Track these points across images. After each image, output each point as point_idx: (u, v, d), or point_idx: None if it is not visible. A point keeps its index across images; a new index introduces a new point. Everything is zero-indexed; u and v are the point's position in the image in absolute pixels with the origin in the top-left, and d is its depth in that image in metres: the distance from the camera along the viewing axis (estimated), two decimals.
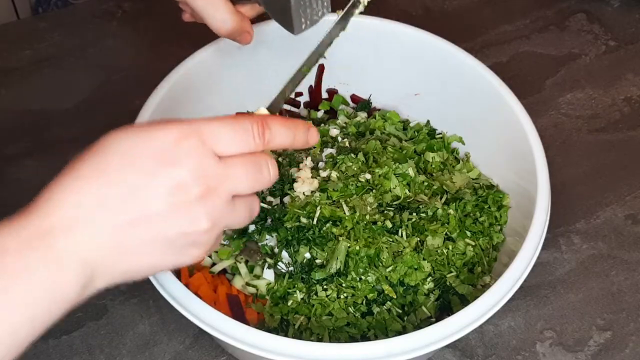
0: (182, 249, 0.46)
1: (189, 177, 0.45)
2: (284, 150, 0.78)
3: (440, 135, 0.82)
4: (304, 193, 0.74)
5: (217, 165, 0.46)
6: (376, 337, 0.68)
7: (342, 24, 0.69)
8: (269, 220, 0.73)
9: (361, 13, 0.71)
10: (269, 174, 0.49)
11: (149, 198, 0.44)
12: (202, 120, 0.47)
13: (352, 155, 0.76)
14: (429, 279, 0.70)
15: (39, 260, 0.42)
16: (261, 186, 0.49)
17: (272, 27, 0.80)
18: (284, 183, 0.75)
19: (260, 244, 0.72)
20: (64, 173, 0.45)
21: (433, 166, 0.78)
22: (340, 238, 0.69)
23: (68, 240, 0.43)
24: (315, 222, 0.70)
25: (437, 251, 0.71)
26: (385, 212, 0.72)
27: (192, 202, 0.45)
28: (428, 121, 0.84)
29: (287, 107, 0.88)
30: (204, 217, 0.46)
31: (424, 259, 0.70)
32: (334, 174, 0.74)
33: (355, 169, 0.75)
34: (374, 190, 0.73)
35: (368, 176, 0.74)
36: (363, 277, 0.69)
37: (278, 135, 0.49)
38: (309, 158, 0.77)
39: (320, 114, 0.87)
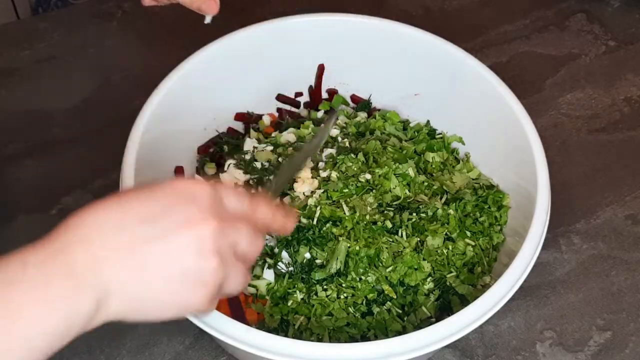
0: (191, 286, 0.48)
1: (203, 213, 0.47)
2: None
3: (440, 135, 0.82)
4: (304, 193, 0.74)
5: (226, 211, 0.50)
6: (376, 337, 0.68)
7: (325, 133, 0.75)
8: None
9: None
10: (261, 242, 0.53)
11: (166, 226, 0.46)
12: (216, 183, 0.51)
13: (352, 155, 0.76)
14: (429, 279, 0.70)
15: (56, 270, 0.43)
16: (254, 251, 0.52)
17: (273, 27, 0.80)
18: None
19: None
20: (88, 205, 0.47)
21: (433, 166, 0.78)
22: (340, 238, 0.69)
23: (86, 255, 0.44)
24: (315, 222, 0.70)
25: (437, 251, 0.71)
26: (385, 212, 0.72)
27: (205, 235, 0.47)
28: (428, 121, 0.84)
29: (287, 107, 0.88)
30: (214, 253, 0.47)
31: (424, 259, 0.70)
32: (334, 174, 0.74)
33: (355, 169, 0.75)
34: (374, 191, 0.73)
35: (368, 176, 0.74)
36: (363, 278, 0.69)
37: (261, 210, 0.53)
38: (309, 158, 0.77)
39: (320, 114, 0.87)
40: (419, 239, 0.71)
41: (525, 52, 1.02)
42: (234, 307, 0.70)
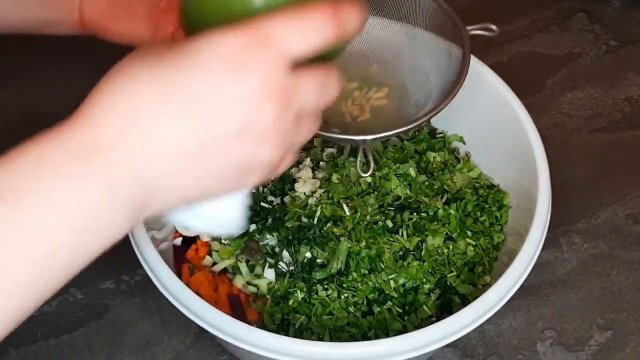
0: (244, 174, 0.40)
1: (261, 90, 0.37)
2: None
3: (441, 135, 0.82)
4: (304, 193, 0.74)
5: (288, 76, 0.38)
6: (377, 337, 0.68)
7: None
8: (270, 220, 0.73)
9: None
10: (335, 88, 0.42)
11: (217, 111, 0.37)
12: (271, 20, 0.38)
13: (352, 158, 0.75)
14: (429, 279, 0.70)
15: (84, 173, 0.36)
16: (326, 103, 0.42)
17: None
18: (285, 183, 0.75)
19: (261, 243, 0.72)
20: (112, 74, 0.39)
21: (434, 166, 0.78)
22: (342, 238, 0.69)
23: (120, 155, 0.37)
24: (315, 221, 0.70)
25: (437, 251, 0.71)
26: (386, 212, 0.72)
27: (263, 122, 0.38)
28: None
29: None
30: (273, 141, 0.39)
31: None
32: (335, 177, 0.74)
33: (355, 177, 0.74)
34: (375, 192, 0.73)
35: (369, 179, 0.74)
36: (364, 279, 0.69)
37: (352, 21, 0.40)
38: (308, 158, 0.77)
39: None
40: (419, 239, 0.71)
41: (525, 51, 1.02)
42: (235, 306, 0.70)
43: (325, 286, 0.69)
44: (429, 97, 0.71)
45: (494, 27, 0.72)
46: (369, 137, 0.65)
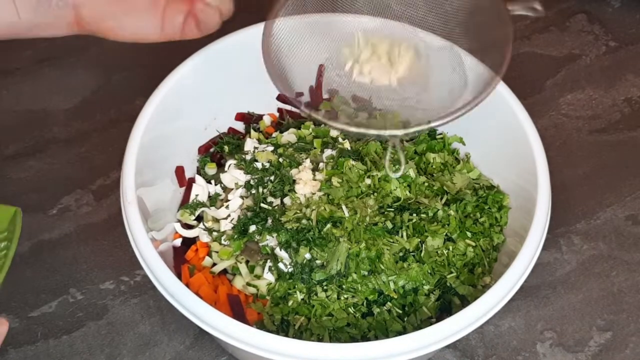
0: None
1: None
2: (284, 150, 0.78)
3: (441, 136, 0.82)
4: (304, 195, 0.74)
5: None
6: (376, 338, 0.68)
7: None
8: (270, 221, 0.73)
9: None
10: None
11: None
12: None
13: (352, 162, 0.75)
14: (429, 280, 0.70)
15: None
16: None
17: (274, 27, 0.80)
18: (284, 184, 0.75)
19: (260, 244, 0.72)
20: None
21: (433, 167, 0.78)
22: (341, 239, 0.69)
23: None
24: (315, 223, 0.70)
25: (437, 252, 0.71)
26: (386, 213, 0.72)
27: None
28: (428, 121, 0.84)
29: (288, 107, 0.88)
30: None
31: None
32: (336, 181, 0.74)
33: (356, 178, 0.74)
34: (375, 194, 0.73)
35: (368, 181, 0.74)
36: (364, 281, 0.69)
37: None
38: (308, 159, 0.77)
39: (321, 114, 0.87)
40: (419, 240, 0.71)
41: (525, 52, 1.02)
42: (235, 306, 0.70)
43: (325, 287, 0.69)
44: (464, 83, 0.64)
45: (539, 6, 0.63)
46: (399, 132, 0.56)
